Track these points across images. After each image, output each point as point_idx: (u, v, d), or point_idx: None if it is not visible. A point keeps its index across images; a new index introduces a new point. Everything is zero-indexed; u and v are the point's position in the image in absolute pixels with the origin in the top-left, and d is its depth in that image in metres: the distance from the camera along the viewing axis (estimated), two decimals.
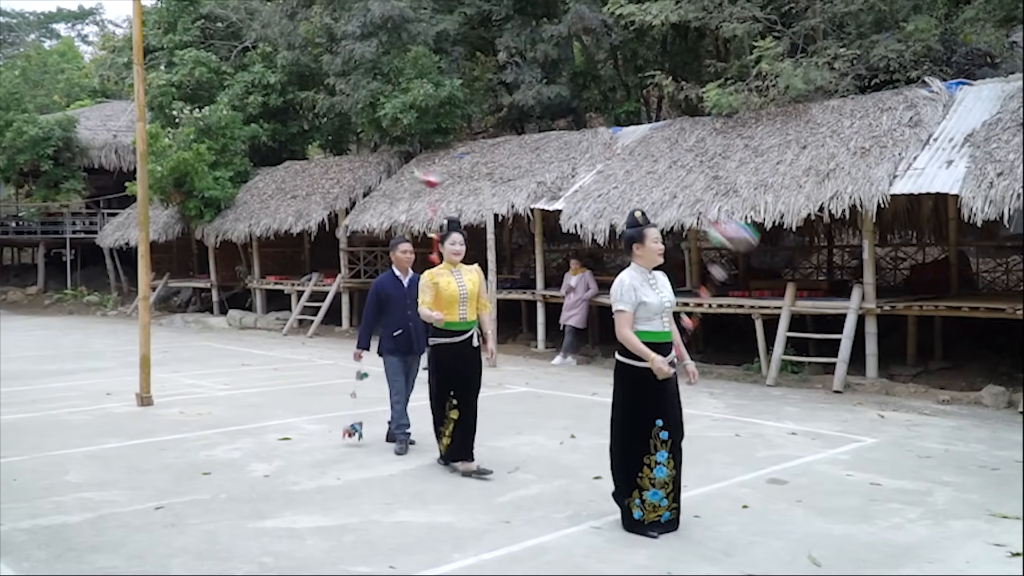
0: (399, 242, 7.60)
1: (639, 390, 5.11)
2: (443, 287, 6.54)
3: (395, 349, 7.37)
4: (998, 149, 9.82)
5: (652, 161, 13.62)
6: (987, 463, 6.93)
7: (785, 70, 12.88)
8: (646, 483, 5.07)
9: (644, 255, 5.20)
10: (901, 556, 4.81)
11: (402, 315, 7.33)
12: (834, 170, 11.04)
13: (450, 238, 6.63)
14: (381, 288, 7.44)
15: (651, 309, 5.12)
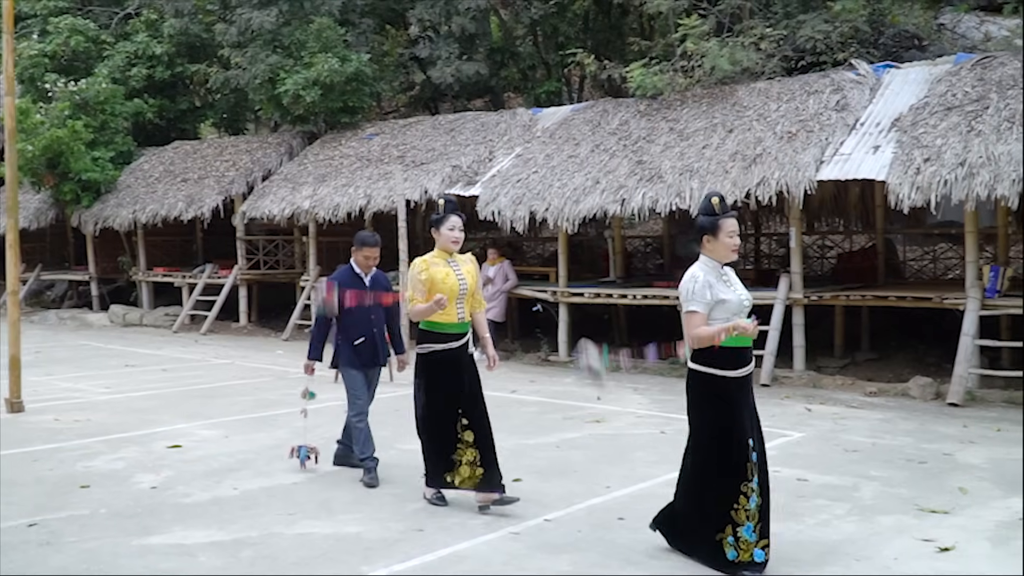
0: (366, 244, 6.77)
1: (726, 404, 4.65)
2: (440, 280, 5.73)
3: (356, 361, 6.63)
4: (925, 134, 10.21)
5: (574, 145, 13.72)
6: (914, 456, 7.22)
7: (711, 50, 13.13)
8: (741, 516, 4.59)
9: (715, 249, 4.76)
10: (828, 554, 4.97)
11: (364, 320, 6.63)
12: (761, 155, 11.32)
13: (448, 221, 5.82)
14: (338, 287, 6.63)
15: (730, 308, 4.69)
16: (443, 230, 5.84)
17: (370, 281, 6.82)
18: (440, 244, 5.88)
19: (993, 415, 8.88)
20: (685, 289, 4.73)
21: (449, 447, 5.80)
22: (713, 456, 4.67)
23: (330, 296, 6.47)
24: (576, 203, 12.44)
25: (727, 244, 4.74)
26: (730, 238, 4.74)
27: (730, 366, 4.67)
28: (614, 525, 5.47)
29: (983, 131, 9.81)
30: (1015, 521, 5.51)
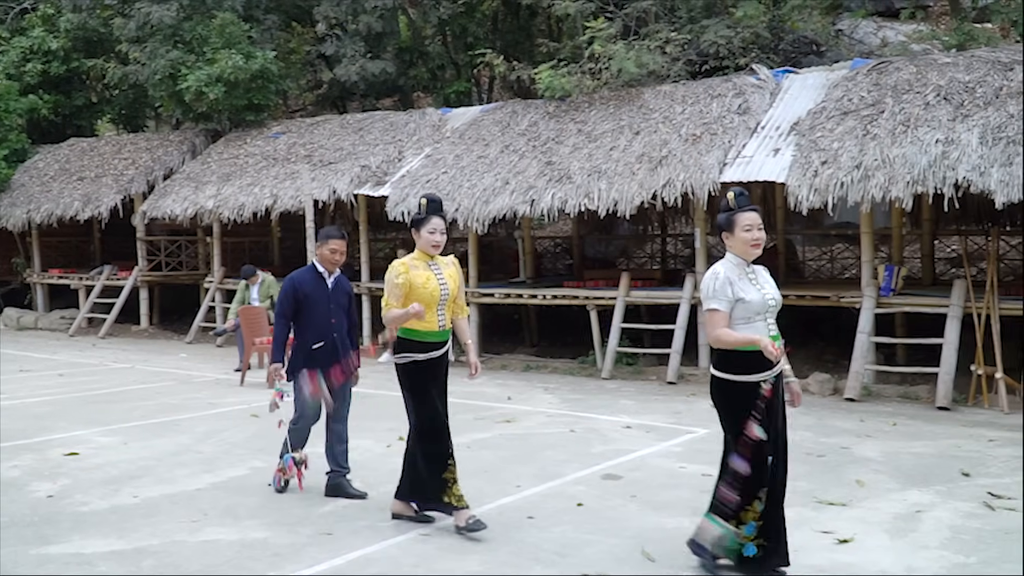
0: (331, 237, 6.23)
1: (746, 409, 4.44)
2: (419, 285, 5.34)
3: (311, 364, 6.14)
4: (823, 138, 10.56)
5: (483, 145, 13.75)
6: (813, 450, 7.46)
7: (618, 53, 13.33)
8: (748, 516, 4.52)
9: (735, 245, 4.53)
10: None
11: (324, 323, 6.15)
12: (666, 157, 11.54)
13: (429, 223, 5.44)
14: (299, 286, 6.16)
15: (752, 307, 4.44)
16: (423, 232, 5.45)
17: (333, 283, 6.24)
18: (420, 246, 5.50)
19: (889, 410, 9.24)
20: (705, 286, 4.51)
21: (442, 466, 5.37)
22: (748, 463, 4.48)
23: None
24: (486, 204, 12.47)
25: (744, 239, 4.49)
26: (747, 232, 4.49)
27: (754, 370, 4.41)
28: (524, 524, 5.50)
29: (878, 135, 10.19)
30: (911, 513, 5.73)
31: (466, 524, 5.27)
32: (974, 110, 9.90)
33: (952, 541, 5.20)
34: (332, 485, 6.24)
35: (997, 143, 9.37)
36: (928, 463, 7.00)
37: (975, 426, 8.36)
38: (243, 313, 12.09)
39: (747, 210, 4.53)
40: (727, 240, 4.57)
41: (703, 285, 4.54)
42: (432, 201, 5.51)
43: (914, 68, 11.08)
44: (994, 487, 6.23)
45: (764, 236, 4.54)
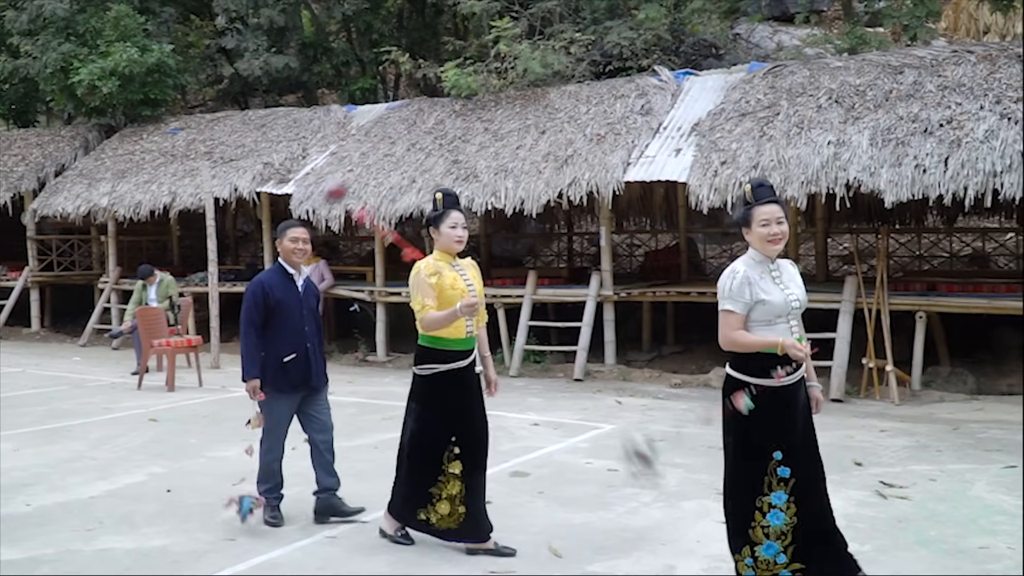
0: (290, 227, 5.56)
1: (756, 413, 4.09)
2: (447, 287, 4.86)
3: (284, 383, 5.46)
4: (722, 139, 10.82)
5: (390, 143, 13.66)
6: (715, 443, 7.59)
7: (523, 52, 13.41)
8: (759, 535, 4.08)
9: (753, 241, 4.17)
10: (637, 540, 5.18)
11: (296, 332, 5.48)
12: (572, 156, 11.65)
13: (448, 217, 4.93)
14: (267, 290, 5.42)
15: (773, 309, 4.08)
16: (444, 228, 4.93)
17: (303, 285, 5.59)
18: (441, 245, 4.98)
19: None
20: (722, 285, 4.16)
21: (429, 478, 4.94)
22: (735, 467, 4.21)
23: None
24: (393, 202, 12.40)
25: (761, 235, 4.12)
26: (763, 227, 4.11)
27: (762, 374, 4.09)
28: None
29: (774, 136, 10.50)
30: None
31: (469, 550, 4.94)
32: (864, 113, 10.28)
33: (847, 529, 5.36)
34: (325, 505, 5.64)
35: (886, 144, 9.76)
36: (823, 453, 7.23)
37: (867, 417, 8.70)
38: (140, 315, 11.72)
39: (766, 203, 4.16)
40: (746, 236, 4.22)
41: (720, 283, 4.18)
42: (448, 195, 5.04)
43: (808, 72, 11.44)
44: (885, 476, 6.49)
45: (786, 230, 4.16)
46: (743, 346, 4.08)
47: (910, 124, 9.85)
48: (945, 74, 10.38)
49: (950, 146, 9.41)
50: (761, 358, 4.08)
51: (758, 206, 4.16)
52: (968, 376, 10.11)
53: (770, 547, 4.07)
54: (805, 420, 4.23)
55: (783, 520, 4.07)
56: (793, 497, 4.08)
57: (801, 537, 4.08)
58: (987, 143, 9.24)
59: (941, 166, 9.30)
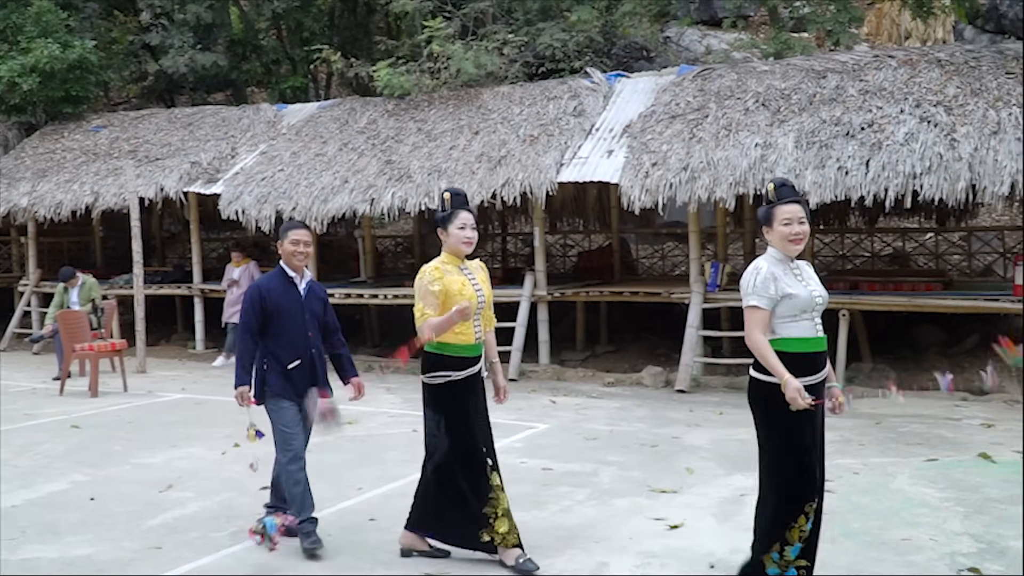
0: (291, 228, 5.33)
1: (794, 415, 4.05)
2: (455, 292, 4.67)
3: (289, 390, 5.16)
4: (653, 140, 10.97)
5: (321, 143, 13.53)
6: (647, 441, 7.75)
7: (456, 52, 13.40)
8: (794, 535, 4.12)
9: (774, 240, 4.19)
10: (571, 538, 5.23)
11: (300, 337, 5.20)
12: (505, 157, 11.69)
13: (457, 218, 4.75)
14: (266, 295, 5.16)
15: (798, 304, 4.10)
16: (452, 229, 4.74)
17: (305, 289, 5.31)
18: (449, 247, 4.79)
19: (715, 400, 9.69)
20: (746, 281, 4.16)
21: (482, 497, 4.72)
22: (783, 471, 4.17)
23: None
24: (324, 202, 12.28)
25: (782, 233, 4.13)
26: (786, 226, 4.12)
27: (801, 372, 4.06)
28: (365, 526, 5.46)
29: (703, 138, 10.68)
30: (736, 497, 6.05)
31: (516, 564, 4.70)
32: (790, 116, 10.52)
33: None
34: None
35: (811, 147, 10.00)
36: (751, 449, 7.32)
37: None
38: (62, 318, 11.41)
39: (788, 202, 4.18)
40: (766, 234, 4.23)
41: (743, 281, 4.18)
42: (457, 194, 4.83)
43: (735, 75, 11.67)
44: None
45: (807, 230, 4.18)
46: (761, 356, 4.07)
47: (833, 127, 10.11)
48: (867, 78, 10.68)
49: (871, 149, 9.69)
50: (800, 357, 4.09)
51: (780, 205, 4.18)
52: (889, 372, 10.41)
53: (796, 548, 4.13)
54: (822, 421, 4.26)
55: (811, 524, 4.15)
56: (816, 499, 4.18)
57: (811, 536, 4.18)
58: (907, 146, 9.54)
59: (863, 168, 9.57)
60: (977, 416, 8.44)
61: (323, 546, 5.03)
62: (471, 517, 4.73)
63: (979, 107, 9.65)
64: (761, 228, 4.26)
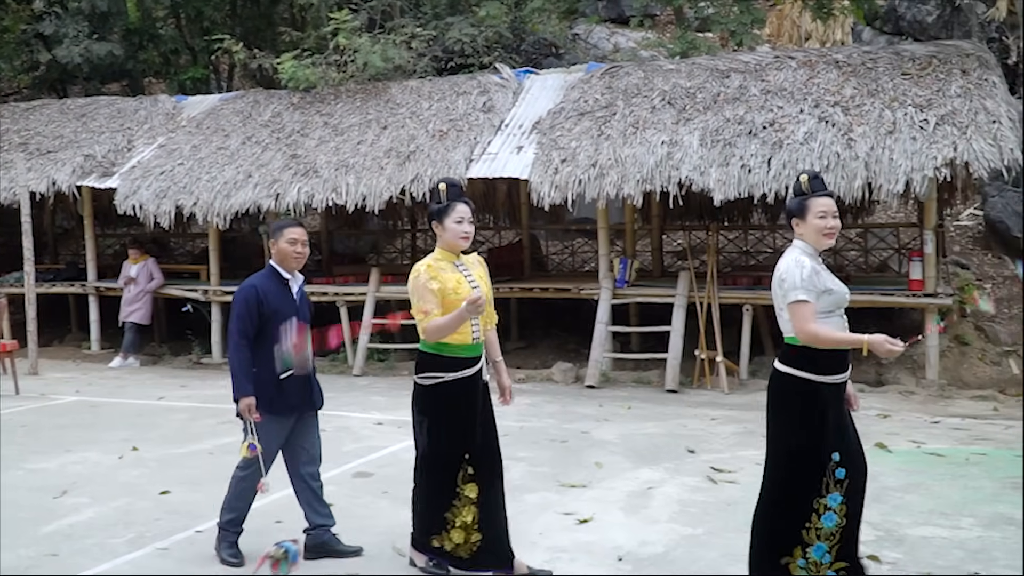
0: (286, 226, 5.01)
1: (814, 412, 4.05)
2: (450, 291, 4.45)
3: (281, 404, 4.89)
4: (562, 137, 11.08)
5: (223, 136, 13.25)
6: (557, 436, 7.83)
7: (363, 46, 13.28)
8: (812, 535, 4.05)
9: (806, 233, 4.15)
10: None
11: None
12: (414, 152, 11.64)
13: (452, 211, 4.51)
14: (261, 297, 4.84)
15: (835, 300, 4.09)
16: (448, 223, 4.51)
17: (299, 292, 5.04)
18: (444, 242, 4.55)
19: (624, 394, 9.86)
20: (791, 276, 4.06)
21: (443, 502, 4.56)
22: (787, 470, 4.13)
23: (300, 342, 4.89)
24: (227, 197, 12.04)
25: (817, 227, 4.11)
26: (820, 219, 4.10)
27: (829, 371, 4.06)
28: (271, 529, 5.38)
29: (611, 135, 10.83)
30: (643, 490, 6.17)
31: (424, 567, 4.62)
32: (695, 114, 10.76)
33: (680, 514, 5.66)
34: (317, 544, 5.05)
35: (715, 145, 10.24)
36: (658, 443, 7.55)
37: (700, 406, 9.12)
38: None
39: (822, 195, 4.15)
40: (797, 227, 4.18)
41: (787, 274, 4.09)
42: (452, 185, 4.59)
43: (642, 73, 11.86)
44: (716, 462, 6.84)
45: (839, 224, 4.20)
46: (827, 342, 4.00)
47: (736, 126, 10.37)
48: (768, 78, 10.99)
49: (772, 147, 9.98)
50: (830, 355, 4.04)
51: (815, 198, 4.14)
52: None
53: (819, 548, 4.06)
54: (851, 420, 4.21)
55: (835, 522, 4.06)
56: (846, 499, 4.07)
57: (847, 537, 4.09)
58: (806, 145, 9.86)
59: (765, 166, 9.85)
60: (874, 407, 8.79)
61: (243, 561, 4.82)
62: (432, 518, 4.57)
63: (875, 107, 10.04)
64: (790, 221, 4.23)
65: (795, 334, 4.05)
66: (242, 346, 4.79)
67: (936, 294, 9.77)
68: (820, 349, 4.03)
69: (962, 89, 9.90)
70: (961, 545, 4.96)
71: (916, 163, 9.28)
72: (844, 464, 4.06)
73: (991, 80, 9.96)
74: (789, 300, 4.04)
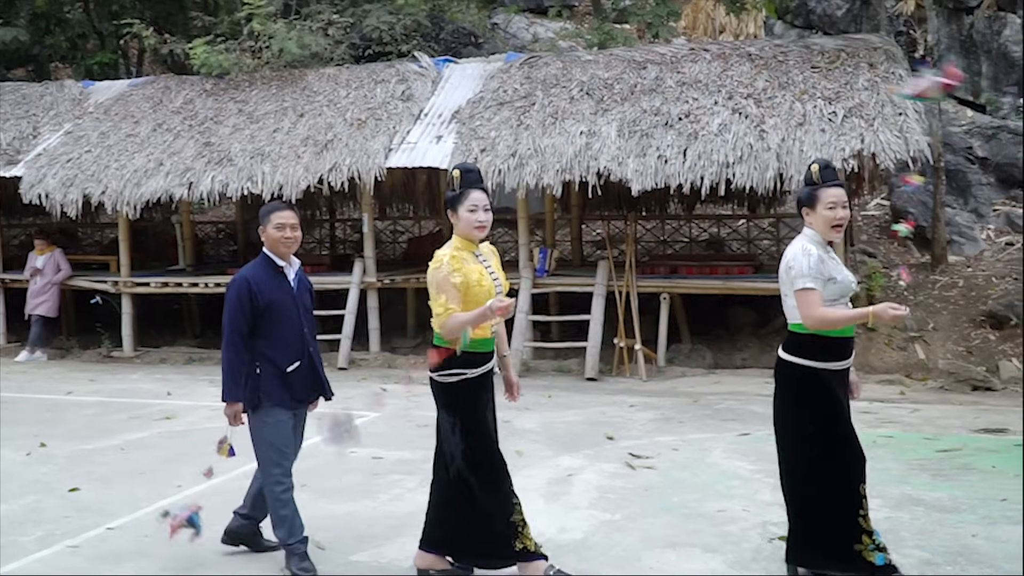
0: (274, 210, 4.72)
1: (829, 398, 4.10)
2: (474, 283, 4.26)
3: (286, 397, 4.64)
4: (481, 126, 11.07)
5: (133, 123, 12.88)
6: None
7: (278, 32, 13.04)
8: (869, 521, 4.12)
9: (815, 223, 4.19)
10: (401, 526, 5.25)
11: (296, 336, 4.69)
12: (332, 141, 11.50)
13: (467, 199, 4.29)
14: (255, 289, 4.57)
15: (839, 289, 4.15)
16: (462, 212, 4.29)
17: (296, 280, 4.75)
18: (461, 231, 4.34)
19: (544, 383, 9.92)
20: (797, 263, 4.11)
21: (507, 505, 4.32)
22: (831, 459, 4.13)
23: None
24: (137, 186, 11.72)
25: (827, 217, 4.15)
26: (830, 210, 4.14)
27: (833, 357, 4.13)
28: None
29: (531, 125, 10.86)
30: (563, 477, 6.24)
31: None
32: (613, 105, 10.86)
33: (599, 500, 5.73)
34: (236, 530, 4.89)
35: (632, 136, 10.36)
36: (578, 430, 7.63)
37: (618, 393, 9.25)
38: None
39: (832, 185, 4.19)
40: (807, 216, 4.23)
41: (794, 261, 4.13)
42: (468, 171, 4.36)
43: (561, 64, 11.92)
44: (634, 448, 6.94)
45: (848, 215, 4.25)
46: (835, 322, 4.05)
47: (653, 117, 10.51)
48: (684, 71, 11.15)
49: (688, 138, 10.14)
50: (833, 343, 4.09)
51: (826, 188, 4.17)
52: (707, 352, 10.98)
53: (878, 533, 4.16)
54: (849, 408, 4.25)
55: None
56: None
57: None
58: (720, 136, 10.05)
59: (680, 157, 10.02)
60: None
61: (315, 571, 4.58)
62: (497, 532, 4.30)
63: (786, 100, 10.28)
64: (800, 209, 4.27)
65: (802, 321, 4.10)
66: (234, 343, 4.54)
67: None
68: (823, 336, 4.09)
69: (869, 82, 10.21)
70: None
71: (825, 154, 9.52)
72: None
73: (898, 73, 10.29)
74: (796, 287, 4.10)
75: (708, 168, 9.86)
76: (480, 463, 4.31)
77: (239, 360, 4.53)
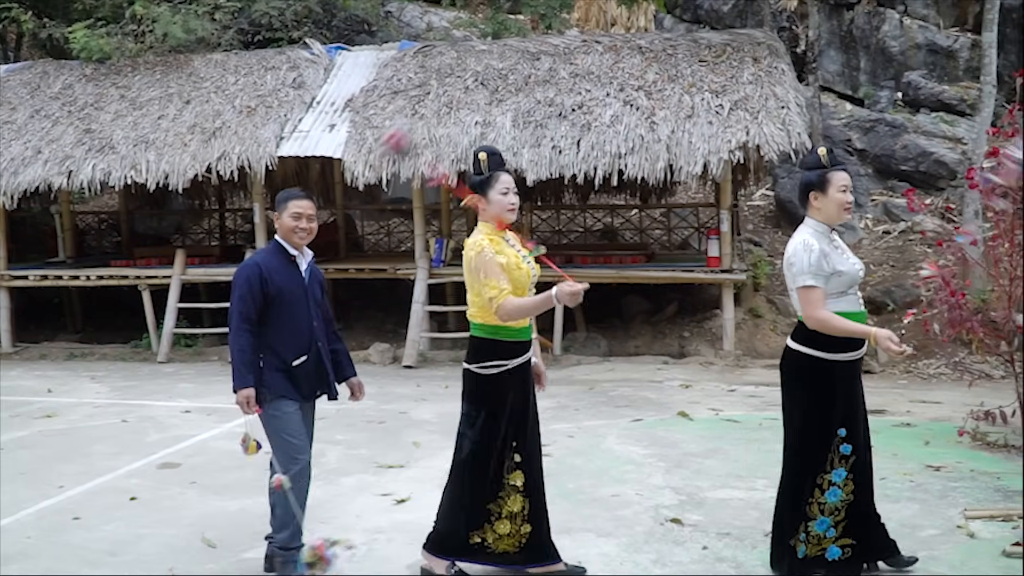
0: (291, 198, 4.51)
1: (824, 389, 4.03)
2: (514, 265, 4.09)
3: (293, 391, 4.40)
4: (375, 115, 10.94)
5: (10, 109, 12.27)
6: (375, 418, 7.78)
7: (163, 15, 12.60)
8: (814, 510, 4.04)
9: (825, 207, 4.06)
10: None
11: (304, 328, 4.45)
12: (220, 128, 11.19)
13: (497, 181, 4.14)
14: (265, 275, 4.35)
15: (845, 280, 4.03)
16: (493, 195, 4.12)
17: (307, 270, 4.55)
18: (491, 215, 4.15)
19: (442, 374, 9.90)
20: (799, 259, 4.01)
21: (487, 493, 4.15)
22: (797, 447, 4.12)
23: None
24: (14, 175, 11.19)
25: (838, 201, 4.05)
26: (842, 193, 4.04)
27: (842, 348, 4.04)
28: (69, 526, 5.07)
29: (425, 114, 10.79)
30: None
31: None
32: (507, 95, 10.88)
33: None
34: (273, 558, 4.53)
35: (527, 126, 10.41)
36: None
37: None
38: None
39: (839, 169, 4.11)
40: (815, 201, 4.10)
41: (795, 258, 4.04)
42: (493, 154, 4.20)
43: (455, 53, 11.88)
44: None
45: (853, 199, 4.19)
46: (833, 330, 3.96)
47: (547, 108, 10.58)
48: (576, 62, 11.26)
49: (581, 129, 10.25)
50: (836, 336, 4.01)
51: (835, 171, 4.08)
52: (601, 340, 11.14)
53: (822, 522, 4.05)
54: (863, 396, 4.20)
55: (839, 497, 4.05)
56: (851, 475, 4.07)
57: (854, 513, 4.09)
58: (613, 127, 10.18)
59: (574, 148, 10.11)
60: (677, 378, 9.24)
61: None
62: (469, 515, 4.18)
63: (675, 92, 10.48)
64: (807, 194, 4.14)
65: (804, 319, 4.08)
66: (243, 330, 4.29)
67: (732, 270, 10.35)
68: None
69: (754, 76, 10.50)
70: (756, 506, 5.27)
71: (713, 146, 9.77)
72: (850, 440, 4.07)
73: (780, 68, 10.62)
74: (797, 285, 4.05)
75: (601, 159, 9.98)
76: (477, 452, 4.19)
77: (248, 346, 4.29)
